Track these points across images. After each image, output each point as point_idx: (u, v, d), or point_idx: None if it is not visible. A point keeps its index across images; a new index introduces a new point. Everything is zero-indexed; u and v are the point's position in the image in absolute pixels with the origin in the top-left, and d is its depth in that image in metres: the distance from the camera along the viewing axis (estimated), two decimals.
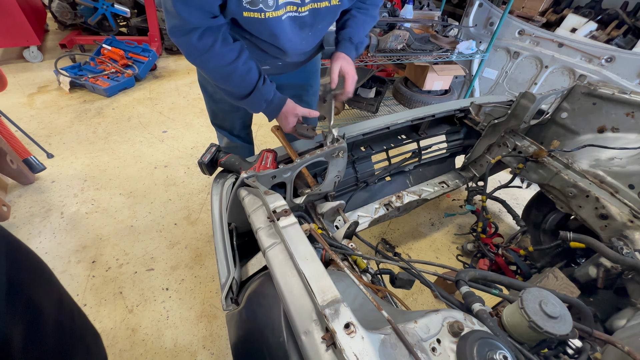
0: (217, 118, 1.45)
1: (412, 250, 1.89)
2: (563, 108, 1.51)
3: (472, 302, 0.63)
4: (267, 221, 0.73)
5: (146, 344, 1.38)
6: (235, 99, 1.01)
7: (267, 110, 1.04)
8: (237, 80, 0.95)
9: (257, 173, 0.92)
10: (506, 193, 2.20)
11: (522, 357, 0.56)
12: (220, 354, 1.37)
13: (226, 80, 0.96)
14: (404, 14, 2.50)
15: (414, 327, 0.51)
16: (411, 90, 2.69)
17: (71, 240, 1.75)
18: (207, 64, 0.91)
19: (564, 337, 0.57)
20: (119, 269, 1.64)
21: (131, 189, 2.09)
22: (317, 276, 0.55)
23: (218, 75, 0.95)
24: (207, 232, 1.87)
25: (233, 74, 0.93)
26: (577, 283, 1.14)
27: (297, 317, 0.53)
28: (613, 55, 2.19)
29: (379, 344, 0.47)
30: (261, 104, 1.01)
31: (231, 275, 0.86)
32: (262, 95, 0.99)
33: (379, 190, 1.64)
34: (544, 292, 0.60)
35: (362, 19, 1.08)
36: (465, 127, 1.77)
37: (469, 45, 2.47)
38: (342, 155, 1.10)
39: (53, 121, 2.61)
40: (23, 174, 1.96)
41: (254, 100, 1.00)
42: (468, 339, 0.48)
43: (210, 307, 1.52)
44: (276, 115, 1.06)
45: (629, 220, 1.14)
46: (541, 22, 2.68)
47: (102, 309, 1.48)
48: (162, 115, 2.87)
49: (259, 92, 0.98)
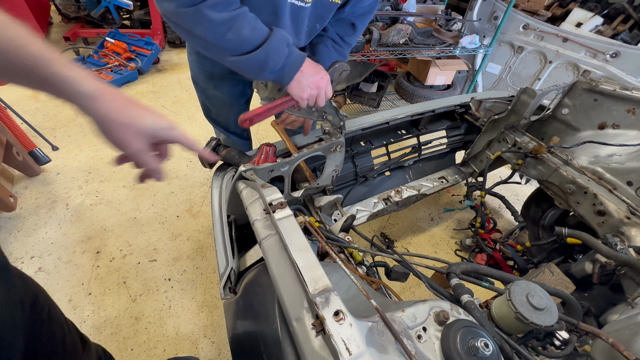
0: (211, 112, 1.42)
1: (411, 245, 1.91)
2: (564, 104, 1.51)
3: (461, 294, 0.64)
4: (264, 213, 0.75)
5: (149, 332, 1.42)
6: (248, 51, 0.79)
7: (290, 60, 0.82)
8: (248, 26, 0.77)
9: (255, 167, 0.93)
10: (507, 189, 2.20)
11: (508, 347, 0.58)
12: (220, 342, 1.41)
13: (234, 26, 0.75)
14: (407, 7, 2.49)
15: (401, 316, 0.53)
16: (413, 85, 2.68)
17: (76, 231, 1.79)
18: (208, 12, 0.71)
19: (550, 328, 0.59)
20: (123, 260, 1.68)
21: (134, 182, 2.13)
22: (310, 266, 0.57)
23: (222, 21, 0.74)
24: (208, 225, 1.90)
25: (242, 17, 0.76)
26: (573, 278, 1.15)
27: (289, 304, 0.55)
28: (618, 50, 2.16)
29: (366, 331, 0.49)
30: (282, 50, 0.80)
31: (229, 265, 0.88)
32: (282, 36, 0.80)
33: (378, 185, 1.65)
34: (532, 285, 0.62)
35: (335, 56, 1.10)
36: (465, 123, 1.77)
37: (472, 39, 2.45)
38: (339, 149, 1.11)
39: (58, 114, 2.64)
40: (29, 166, 2.00)
41: (274, 45, 0.79)
42: (452, 327, 0.49)
43: (211, 297, 1.56)
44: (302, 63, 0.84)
45: (626, 217, 1.14)
46: (546, 16, 2.65)
47: (107, 298, 1.52)
48: (165, 108, 2.89)
49: (278, 34, 0.79)
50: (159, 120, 0.52)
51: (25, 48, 0.39)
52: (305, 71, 0.86)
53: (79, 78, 0.43)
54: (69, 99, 0.44)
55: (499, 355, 0.49)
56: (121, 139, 0.48)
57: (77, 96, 0.44)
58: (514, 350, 0.58)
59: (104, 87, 0.46)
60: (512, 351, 0.58)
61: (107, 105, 0.46)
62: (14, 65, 0.40)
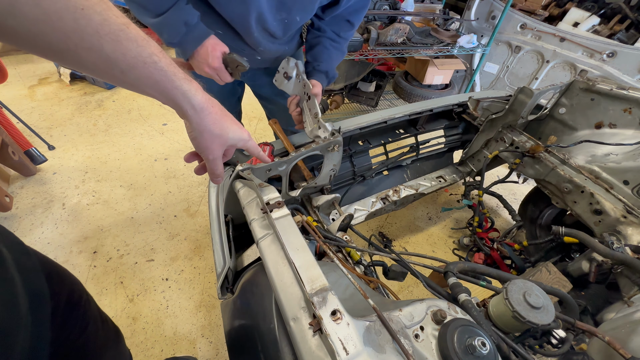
0: None
1: (409, 244, 1.91)
2: (561, 103, 1.51)
3: (458, 293, 0.64)
4: (261, 213, 0.75)
5: (146, 332, 1.41)
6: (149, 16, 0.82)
7: (187, 38, 0.86)
8: None
9: (252, 166, 0.93)
10: (504, 188, 2.21)
11: (505, 345, 0.58)
12: (218, 342, 1.41)
13: None
14: (405, 6, 2.48)
15: (399, 315, 0.53)
16: (411, 84, 2.68)
17: (73, 231, 1.78)
18: None
19: (546, 326, 0.59)
20: (120, 260, 1.67)
21: (131, 181, 2.12)
22: (307, 266, 0.57)
23: None
24: (206, 224, 1.89)
25: None
26: (570, 277, 1.16)
27: (286, 304, 0.55)
28: (615, 50, 2.17)
29: (363, 330, 0.49)
30: (180, 28, 0.83)
31: (227, 265, 0.88)
32: (182, 14, 0.82)
33: (376, 184, 1.65)
34: (529, 283, 0.62)
35: (335, 54, 1.13)
36: (463, 122, 1.77)
37: (470, 39, 2.45)
38: (337, 149, 1.11)
39: (54, 113, 2.63)
40: (25, 166, 1.98)
41: (171, 20, 0.81)
42: (449, 326, 0.49)
43: (209, 297, 1.55)
44: (197, 45, 0.88)
45: (622, 216, 1.15)
46: (543, 15, 2.65)
47: (104, 298, 1.51)
48: (163, 108, 2.87)
49: (179, 10, 0.81)
50: (240, 132, 0.59)
51: (158, 64, 0.44)
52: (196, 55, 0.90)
53: (194, 91, 0.49)
54: (179, 108, 0.50)
55: (496, 353, 0.49)
56: (209, 147, 0.55)
57: (189, 107, 0.50)
58: (511, 349, 0.58)
59: (209, 100, 0.52)
60: (509, 350, 0.58)
61: (209, 117, 0.52)
62: (147, 78, 0.44)
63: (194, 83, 0.50)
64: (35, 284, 0.55)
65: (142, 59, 0.42)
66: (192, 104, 0.49)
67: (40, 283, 0.56)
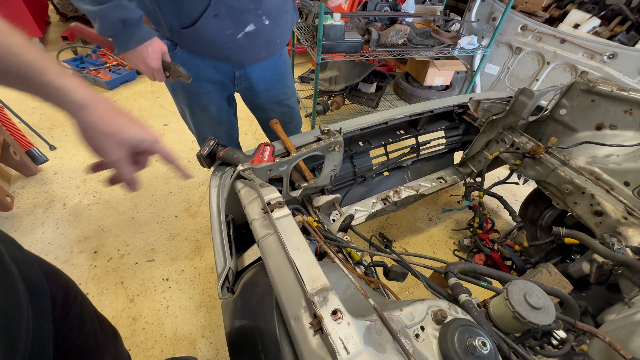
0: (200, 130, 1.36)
1: (410, 245, 1.91)
2: (562, 105, 1.51)
3: (459, 293, 0.64)
4: (262, 213, 0.75)
5: (146, 332, 1.41)
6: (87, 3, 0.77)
7: (124, 35, 0.82)
8: None
9: (253, 166, 0.93)
10: (505, 189, 2.21)
11: (506, 346, 0.58)
12: (218, 342, 1.41)
13: None
14: (406, 8, 2.49)
15: (399, 315, 0.53)
16: (412, 85, 2.68)
17: (73, 231, 1.78)
18: None
19: (547, 327, 0.59)
20: (120, 260, 1.67)
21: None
22: (308, 265, 0.57)
23: None
24: (206, 225, 1.89)
25: None
26: (571, 278, 1.16)
27: (287, 303, 0.55)
28: (615, 51, 2.17)
29: (364, 330, 0.49)
30: (116, 25, 0.79)
31: (227, 265, 0.88)
32: (121, 12, 0.78)
33: (377, 185, 1.66)
34: (529, 284, 0.62)
35: None
36: (464, 123, 1.77)
37: (470, 40, 2.45)
38: (338, 149, 1.11)
39: (55, 113, 2.64)
40: (26, 166, 1.99)
41: (109, 14, 0.77)
42: (450, 326, 0.49)
43: (209, 297, 1.55)
44: (136, 45, 0.85)
45: (623, 217, 1.15)
46: (544, 17, 2.65)
47: (104, 298, 1.51)
48: (164, 108, 2.88)
49: (119, 7, 0.77)
50: (143, 132, 0.53)
51: (22, 56, 0.41)
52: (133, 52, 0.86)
53: (71, 87, 0.46)
54: (60, 106, 0.47)
55: (497, 354, 0.49)
56: (103, 148, 0.50)
57: (68, 104, 0.46)
58: (511, 349, 0.58)
59: (93, 97, 0.48)
60: (509, 350, 0.58)
61: (94, 114, 0.48)
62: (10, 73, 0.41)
63: (74, 78, 0.46)
64: (33, 278, 0.54)
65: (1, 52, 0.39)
66: (70, 100, 0.46)
67: (38, 277, 0.56)
